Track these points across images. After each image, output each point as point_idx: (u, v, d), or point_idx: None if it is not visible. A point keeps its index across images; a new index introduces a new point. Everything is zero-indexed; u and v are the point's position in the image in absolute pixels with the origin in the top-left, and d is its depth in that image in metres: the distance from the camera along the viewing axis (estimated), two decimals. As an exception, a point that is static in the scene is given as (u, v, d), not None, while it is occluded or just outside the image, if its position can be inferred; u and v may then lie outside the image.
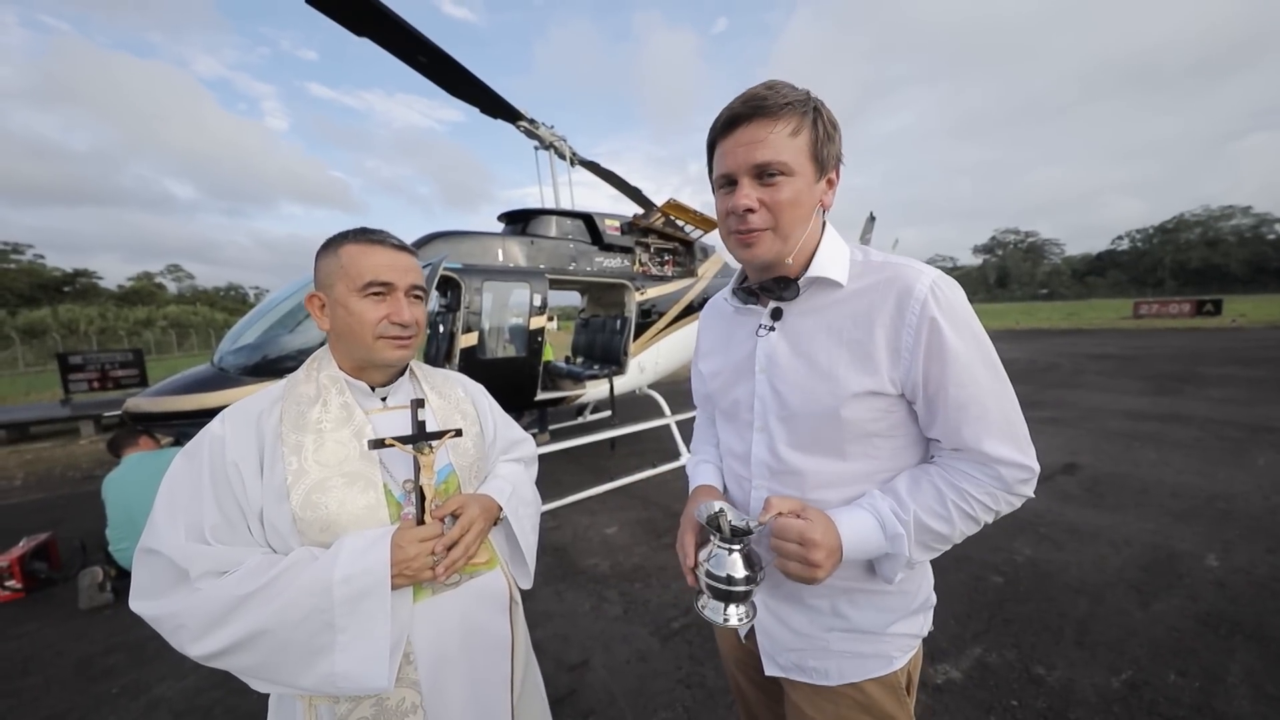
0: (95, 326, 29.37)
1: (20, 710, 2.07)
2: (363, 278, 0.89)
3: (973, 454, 0.74)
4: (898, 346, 0.74)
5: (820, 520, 0.74)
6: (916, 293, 0.73)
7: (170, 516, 0.78)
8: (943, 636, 2.20)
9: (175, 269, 54.49)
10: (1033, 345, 14.73)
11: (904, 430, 0.80)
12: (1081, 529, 3.16)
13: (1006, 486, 0.75)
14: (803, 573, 0.72)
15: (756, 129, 0.72)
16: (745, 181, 0.73)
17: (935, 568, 0.91)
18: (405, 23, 3.42)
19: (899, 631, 0.85)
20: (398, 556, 0.83)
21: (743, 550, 0.76)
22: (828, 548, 0.71)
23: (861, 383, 0.75)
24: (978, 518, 0.76)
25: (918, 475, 0.79)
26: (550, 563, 3.06)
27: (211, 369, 3.44)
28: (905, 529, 0.74)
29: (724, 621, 0.75)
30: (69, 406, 7.79)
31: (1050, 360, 11.23)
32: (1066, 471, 4.20)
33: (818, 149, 0.74)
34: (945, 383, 0.73)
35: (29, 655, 2.42)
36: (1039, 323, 24.98)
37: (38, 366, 21.66)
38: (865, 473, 0.80)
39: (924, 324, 0.72)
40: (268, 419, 0.88)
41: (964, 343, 0.73)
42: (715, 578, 0.75)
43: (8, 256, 39.59)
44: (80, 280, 43.42)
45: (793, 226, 0.75)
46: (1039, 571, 2.70)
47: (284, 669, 0.77)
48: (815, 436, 0.80)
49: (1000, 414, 0.74)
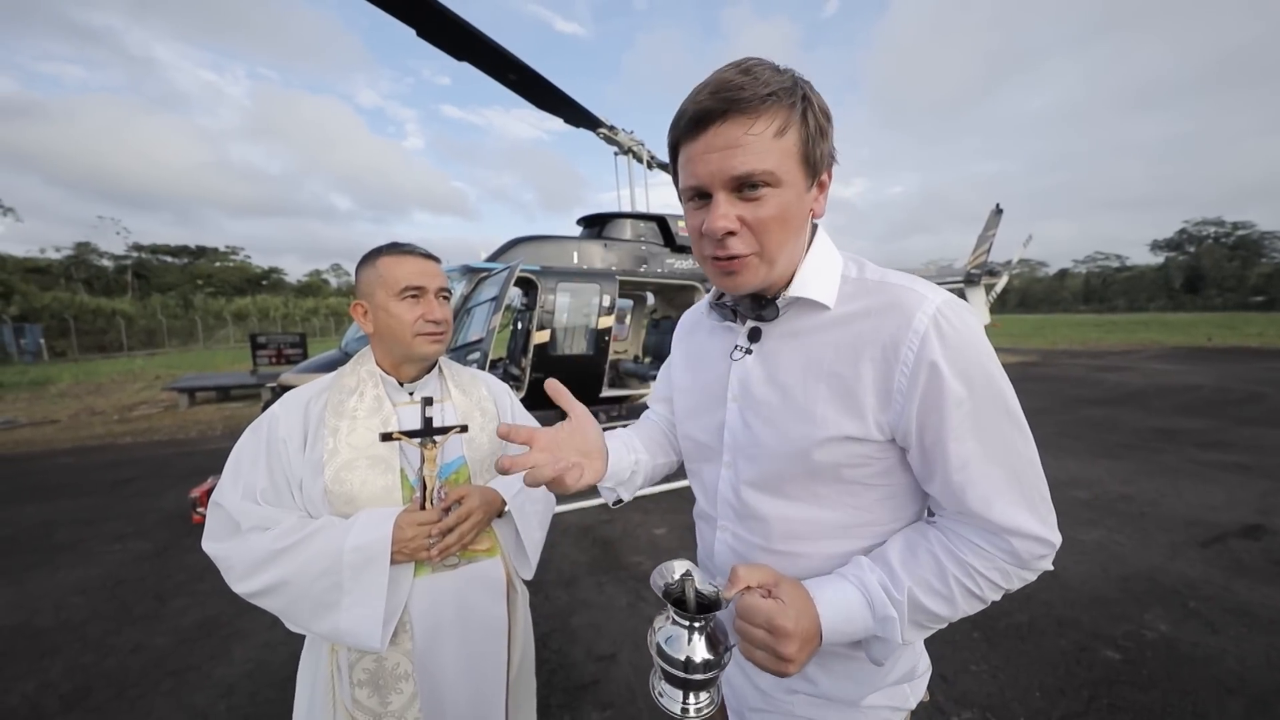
0: (280, 313, 36.64)
1: (193, 607, 2.71)
2: (399, 284, 1.03)
3: (979, 521, 0.62)
4: (889, 388, 0.62)
5: (795, 601, 0.61)
6: (915, 324, 0.60)
7: (234, 478, 0.97)
8: (1021, 708, 1.88)
9: (337, 267, 65.93)
10: (1228, 368, 11.63)
11: (895, 479, 0.68)
12: (1255, 611, 2.45)
13: (1021, 562, 0.62)
14: (770, 666, 0.60)
15: (732, 129, 0.57)
16: (721, 198, 0.59)
17: (1027, 628, 0.77)
18: (499, 46, 3.76)
19: (875, 704, 0.73)
20: (397, 535, 0.94)
21: (704, 628, 0.62)
22: (801, 636, 0.59)
23: (840, 426, 0.64)
24: (985, 596, 0.64)
25: (914, 542, 0.67)
26: (596, 555, 3.18)
27: (339, 352, 4.19)
28: (898, 610, 0.63)
29: (681, 714, 0.62)
30: (256, 376, 9.82)
31: (1251, 389, 8.77)
32: (1247, 534, 3.27)
33: (809, 149, 0.60)
34: (945, 436, 0.60)
35: (205, 566, 3.13)
36: (1245, 339, 19.55)
37: (243, 343, 27.59)
38: (844, 523, 0.69)
39: (922, 365, 0.59)
40: (315, 405, 1.05)
41: (972, 389, 0.59)
42: (671, 660, 0.61)
43: (227, 257, 51.14)
44: (273, 276, 54.46)
45: (781, 248, 0.62)
46: (1176, 655, 2.15)
47: (302, 616, 0.92)
48: (781, 478, 0.69)
49: (1014, 472, 0.61)
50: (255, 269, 52.96)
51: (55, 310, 23.62)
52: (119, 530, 3.72)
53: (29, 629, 2.54)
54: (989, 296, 7.85)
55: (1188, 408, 7.32)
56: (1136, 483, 4.29)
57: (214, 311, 32.89)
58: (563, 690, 2.04)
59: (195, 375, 11.68)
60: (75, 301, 25.52)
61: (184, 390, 9.36)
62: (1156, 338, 20.67)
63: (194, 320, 29.25)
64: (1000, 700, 1.92)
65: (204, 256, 50.11)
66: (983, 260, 8.78)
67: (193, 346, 26.55)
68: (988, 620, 2.35)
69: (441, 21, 3.49)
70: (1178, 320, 35.34)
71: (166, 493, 4.51)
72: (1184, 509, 3.69)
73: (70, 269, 37.72)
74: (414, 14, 3.42)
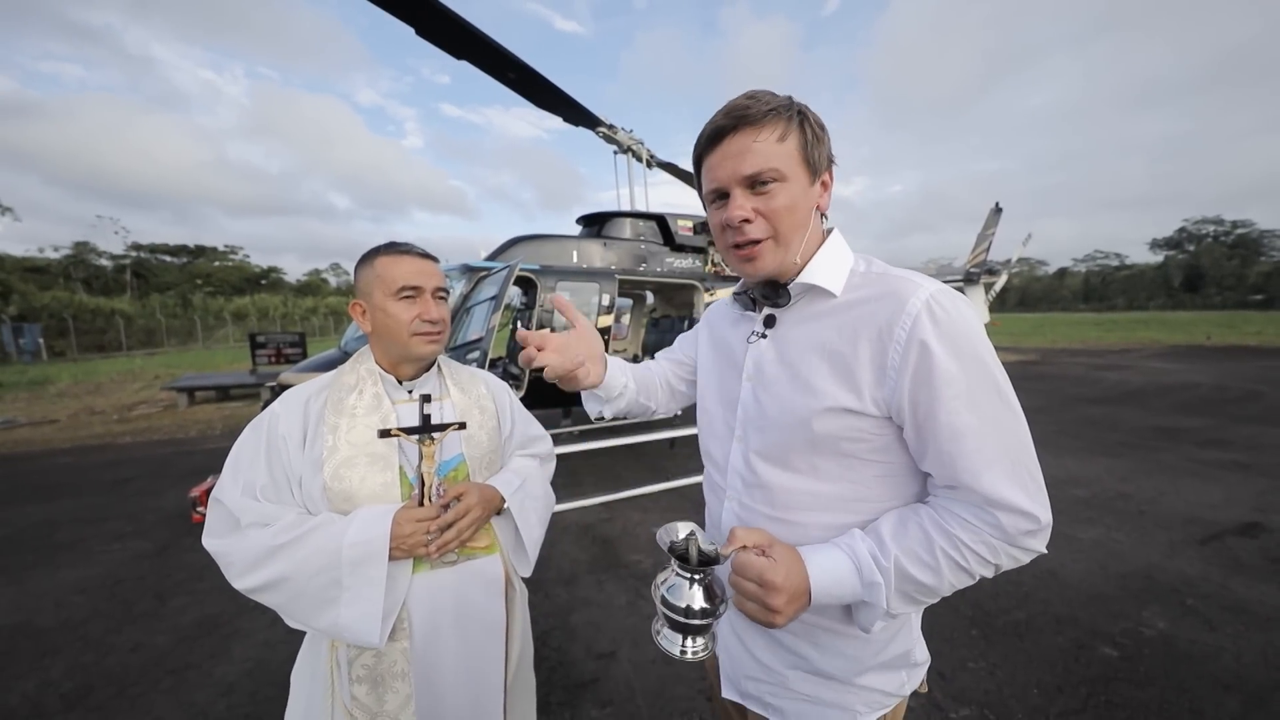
0: (279, 312, 36.62)
1: (193, 606, 2.71)
2: (396, 284, 1.03)
3: (968, 493, 0.66)
4: (883, 365, 0.68)
5: (786, 560, 0.68)
6: (909, 308, 0.67)
7: (234, 475, 0.97)
8: (1019, 705, 1.88)
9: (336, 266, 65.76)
10: (1227, 366, 11.64)
11: (892, 457, 0.73)
12: (1252, 609, 2.46)
13: (1007, 537, 0.65)
14: (760, 616, 0.67)
15: (742, 139, 0.70)
16: (737, 193, 0.72)
17: (1025, 625, 0.79)
18: (498, 44, 3.76)
19: (868, 684, 0.77)
20: (396, 532, 0.95)
21: (704, 580, 0.71)
22: (790, 592, 0.66)
23: (837, 398, 0.71)
24: (971, 570, 0.67)
25: (905, 516, 0.72)
26: (596, 553, 3.18)
27: (338, 351, 4.18)
28: (884, 576, 0.68)
29: (680, 654, 0.71)
30: (255, 375, 9.81)
31: (1249, 387, 8.79)
32: (1245, 532, 3.28)
33: (807, 152, 0.72)
34: (936, 409, 0.65)
35: (205, 565, 3.14)
36: (1244, 337, 19.57)
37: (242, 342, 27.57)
38: (843, 497, 0.74)
39: (913, 343, 0.66)
40: (314, 402, 1.05)
41: (961, 365, 0.65)
42: (672, 608, 0.70)
43: (226, 256, 51.09)
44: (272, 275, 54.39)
45: (792, 233, 0.73)
46: (1174, 653, 2.16)
47: (302, 612, 0.92)
48: (786, 449, 0.76)
49: (1004, 448, 0.65)
50: (254, 268, 52.87)
51: (54, 310, 23.59)
52: (119, 530, 3.72)
53: (30, 628, 2.55)
54: (988, 295, 7.85)
55: (1186, 406, 7.33)
56: (1135, 481, 4.29)
57: (213, 311, 32.85)
58: (562, 688, 2.04)
59: (194, 375, 11.66)
60: (74, 301, 25.49)
61: (183, 390, 9.35)
62: (1156, 336, 20.68)
63: (193, 320, 29.21)
64: (998, 697, 1.93)
65: (203, 256, 50.01)
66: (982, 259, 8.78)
67: (192, 346, 26.52)
68: (986, 618, 2.36)
69: (440, 20, 3.49)
70: (1177, 319, 35.37)
71: (166, 492, 4.51)
72: (1182, 507, 3.70)
73: (69, 268, 37.65)
74: (413, 12, 3.41)
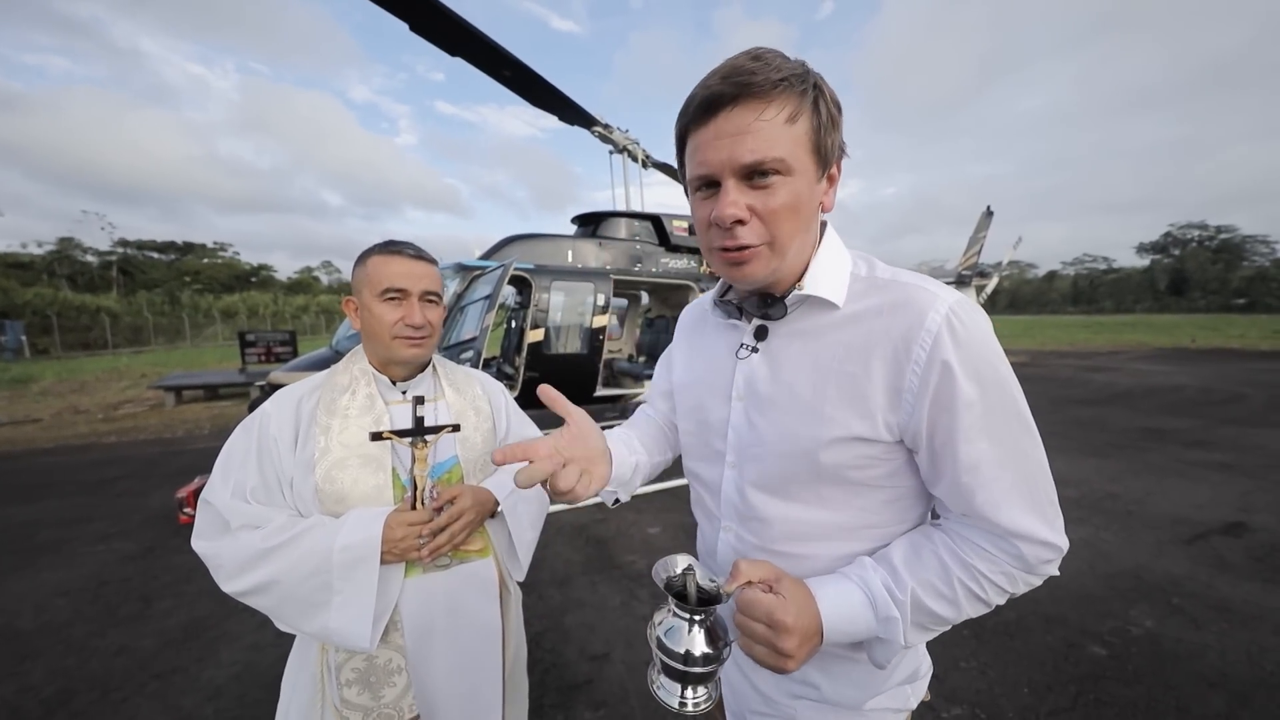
0: (270, 310, 36.18)
1: (180, 609, 2.66)
2: (381, 284, 1.01)
3: (986, 524, 0.61)
4: (899, 387, 0.61)
5: (796, 597, 0.60)
6: (928, 324, 0.59)
7: (224, 476, 0.96)
8: (1009, 704, 1.90)
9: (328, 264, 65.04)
10: (1211, 369, 11.86)
11: (900, 482, 0.67)
12: (1237, 607, 2.50)
13: (1027, 567, 0.62)
14: (770, 661, 0.59)
15: (743, 114, 0.56)
16: (731, 185, 0.58)
17: (1015, 625, 0.77)
18: (493, 41, 3.74)
19: (878, 707, 0.73)
20: (387, 535, 0.93)
21: (704, 622, 0.62)
22: (802, 633, 0.59)
23: (850, 426, 0.63)
24: (989, 601, 0.64)
25: (918, 544, 0.66)
26: (590, 554, 3.17)
27: (329, 350, 4.14)
28: (900, 611, 0.62)
29: (679, 707, 0.61)
30: (245, 374, 9.68)
31: (1233, 389, 8.95)
32: (1229, 532, 3.34)
33: (820, 138, 0.58)
34: (955, 437, 0.59)
35: (192, 567, 3.08)
36: (1228, 340, 19.96)
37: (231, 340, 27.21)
38: (849, 525, 0.68)
39: (934, 365, 0.58)
40: (307, 403, 1.03)
41: (984, 390, 0.59)
42: (670, 653, 0.60)
43: (215, 253, 50.46)
44: (262, 272, 53.79)
45: (791, 239, 0.61)
46: (1161, 651, 2.19)
47: (291, 615, 0.91)
48: (787, 479, 0.68)
49: (1023, 475, 0.61)
50: (244, 265, 52.25)
51: (37, 307, 23.14)
52: (103, 531, 3.65)
53: (9, 631, 2.49)
54: (980, 298, 7.95)
55: (1173, 407, 7.45)
56: (1123, 481, 4.35)
57: (201, 309, 32.39)
58: (556, 690, 2.03)
59: (182, 373, 11.49)
60: (58, 298, 25.03)
61: (171, 388, 9.21)
62: (1142, 339, 20.99)
63: (181, 317, 28.79)
64: (989, 697, 1.95)
65: (191, 253, 49.36)
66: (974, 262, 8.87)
67: (180, 344, 26.14)
68: (977, 618, 2.38)
69: (435, 16, 3.46)
70: (1163, 322, 35.99)
71: (152, 493, 4.43)
72: (1169, 507, 3.76)
73: (53, 264, 36.98)
74: (407, 8, 3.39)
